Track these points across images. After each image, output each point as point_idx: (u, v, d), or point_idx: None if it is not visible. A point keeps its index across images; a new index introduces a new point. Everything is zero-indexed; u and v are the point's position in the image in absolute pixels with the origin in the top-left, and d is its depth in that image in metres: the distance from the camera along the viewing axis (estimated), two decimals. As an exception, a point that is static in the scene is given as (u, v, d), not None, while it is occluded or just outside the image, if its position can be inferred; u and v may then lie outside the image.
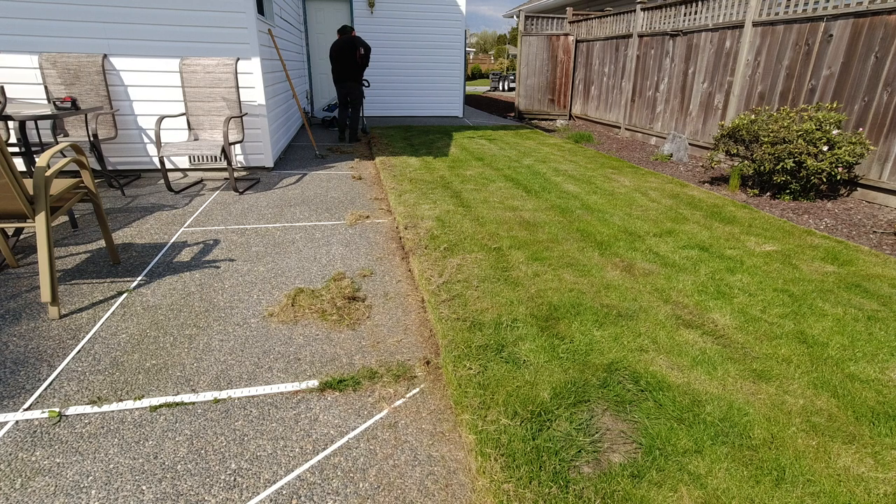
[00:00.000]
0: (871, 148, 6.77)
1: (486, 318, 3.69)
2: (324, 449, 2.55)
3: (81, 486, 2.29)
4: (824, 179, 6.83)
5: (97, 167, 7.07)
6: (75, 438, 2.55)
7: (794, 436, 2.62)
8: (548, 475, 2.33)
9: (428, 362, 3.29)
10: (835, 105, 7.21)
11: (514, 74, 31.34)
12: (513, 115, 17.88)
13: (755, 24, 8.84)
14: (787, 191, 7.16)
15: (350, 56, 10.96)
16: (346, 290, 4.11)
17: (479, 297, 4.01)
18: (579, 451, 2.48)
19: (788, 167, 6.80)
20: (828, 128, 6.78)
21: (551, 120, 16.42)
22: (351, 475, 2.39)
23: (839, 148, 6.67)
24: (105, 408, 2.77)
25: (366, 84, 11.84)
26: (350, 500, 2.25)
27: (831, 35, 7.48)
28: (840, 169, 6.76)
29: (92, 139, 6.39)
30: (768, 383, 3.05)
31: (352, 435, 2.64)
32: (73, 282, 4.18)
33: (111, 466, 2.40)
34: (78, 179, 4.15)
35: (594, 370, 3.11)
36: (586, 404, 2.82)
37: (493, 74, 39.21)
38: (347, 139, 11.52)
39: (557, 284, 4.25)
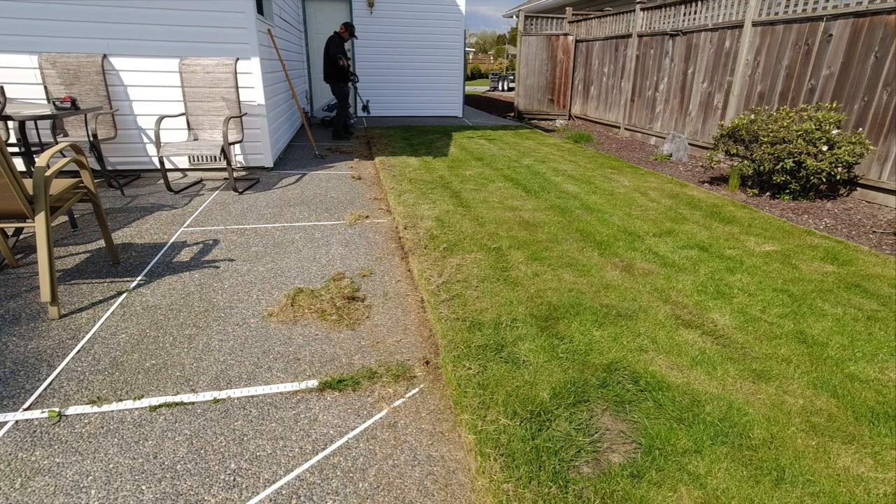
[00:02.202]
0: (871, 148, 6.75)
1: (485, 318, 3.69)
2: (323, 449, 2.55)
3: (81, 485, 2.29)
4: (824, 179, 6.82)
5: (97, 167, 7.07)
6: (75, 438, 2.55)
7: (793, 436, 2.62)
8: (547, 475, 2.33)
9: (427, 362, 3.28)
10: (834, 105, 7.19)
11: (513, 74, 31.36)
12: (512, 115, 17.88)
13: (755, 24, 8.85)
14: (787, 191, 7.15)
15: (330, 58, 11.22)
16: (346, 290, 4.11)
17: (479, 297, 4.01)
18: (579, 451, 2.48)
19: (788, 167, 6.80)
20: (827, 127, 6.77)
21: (551, 120, 16.44)
22: (350, 475, 2.39)
23: (839, 148, 6.65)
24: (105, 408, 2.77)
25: (355, 79, 12.01)
26: (349, 500, 2.25)
27: (831, 35, 7.48)
28: (840, 169, 6.74)
29: (92, 139, 6.41)
30: (768, 383, 3.05)
31: (351, 435, 2.64)
32: (72, 282, 4.19)
33: (111, 466, 2.40)
34: (77, 179, 4.16)
35: (594, 370, 3.11)
36: (586, 404, 2.82)
37: (492, 74, 39.25)
38: (341, 136, 11.72)
39: (557, 284, 4.25)
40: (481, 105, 23.11)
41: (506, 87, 36.50)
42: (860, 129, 7.09)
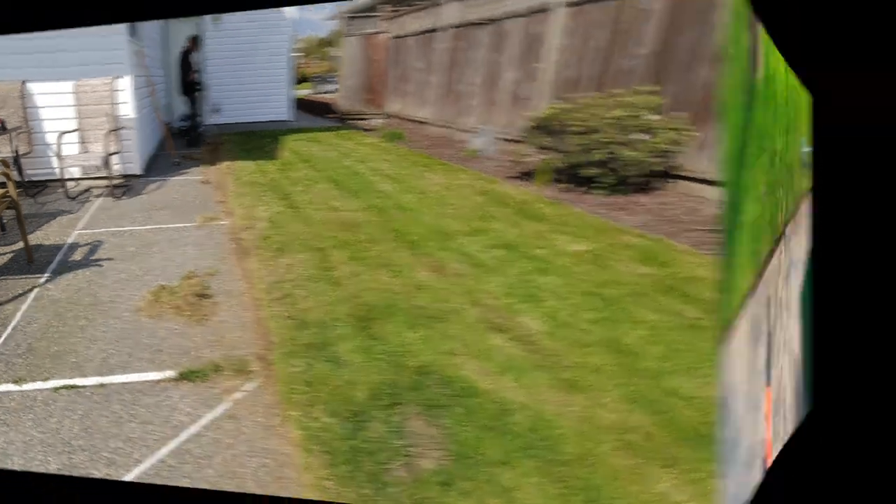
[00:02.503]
0: (693, 134, 6.18)
1: (311, 316, 3.96)
2: (179, 435, 2.81)
3: (7, 452, 2.68)
4: (640, 171, 6.37)
5: (18, 179, 7.95)
6: (3, 412, 3.01)
7: (608, 454, 2.52)
8: (365, 476, 2.43)
9: (262, 358, 3.53)
10: (652, 88, 6.54)
11: (334, 76, 31.40)
12: (335, 116, 17.97)
13: (567, 5, 8.30)
14: (600, 184, 6.63)
15: (181, 72, 12.16)
16: (197, 288, 4.56)
17: (306, 296, 4.32)
18: (393, 455, 2.56)
19: (600, 158, 6.45)
20: (642, 113, 6.38)
21: (369, 119, 16.25)
22: (200, 461, 2.62)
23: (656, 135, 6.26)
24: (24, 387, 3.26)
25: (200, 87, 12.92)
26: (199, 485, 2.48)
27: (648, 10, 6.87)
28: (656, 158, 6.31)
29: (15, 155, 7.58)
30: (580, 394, 2.96)
31: (202, 423, 2.90)
32: (1, 277, 4.89)
33: (27, 438, 2.78)
34: (4, 190, 5.06)
35: (407, 372, 3.23)
36: (400, 407, 2.93)
37: (315, 77, 39.55)
38: (193, 145, 12.28)
39: (374, 284, 4.47)
40: (309, 108, 21.73)
41: (329, 90, 36.73)
42: (680, 113, 6.34)
